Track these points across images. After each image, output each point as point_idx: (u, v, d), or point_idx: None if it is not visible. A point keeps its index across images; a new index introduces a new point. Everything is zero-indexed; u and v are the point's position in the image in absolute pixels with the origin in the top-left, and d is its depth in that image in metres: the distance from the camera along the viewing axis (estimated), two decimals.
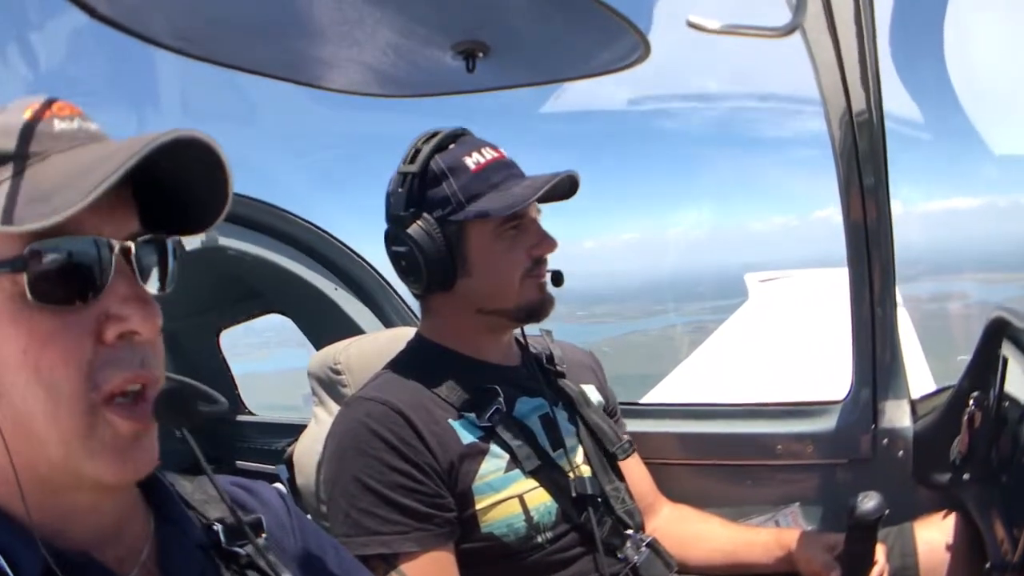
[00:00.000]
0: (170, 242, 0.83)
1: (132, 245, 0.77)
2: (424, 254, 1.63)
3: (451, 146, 1.68)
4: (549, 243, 1.68)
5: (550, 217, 1.74)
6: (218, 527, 0.92)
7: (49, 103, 0.78)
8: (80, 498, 0.79)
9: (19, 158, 0.74)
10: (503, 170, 1.67)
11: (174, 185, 0.79)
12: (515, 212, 1.61)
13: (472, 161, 1.65)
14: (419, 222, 1.63)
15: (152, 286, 0.80)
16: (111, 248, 0.75)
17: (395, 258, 1.71)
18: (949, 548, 1.77)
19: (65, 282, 0.72)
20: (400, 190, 1.67)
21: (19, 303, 0.71)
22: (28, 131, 0.75)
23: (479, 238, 1.65)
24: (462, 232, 1.64)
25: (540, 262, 1.68)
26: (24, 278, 0.71)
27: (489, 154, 1.68)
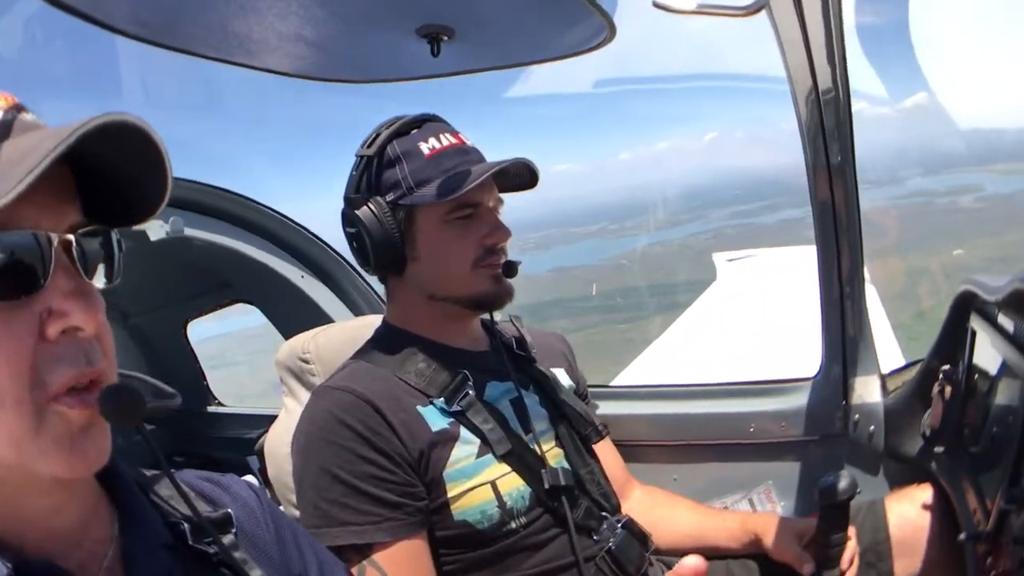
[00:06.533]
0: (114, 233, 0.79)
1: (73, 238, 0.73)
2: (371, 236, 1.63)
3: (413, 131, 1.68)
4: (502, 233, 1.67)
5: (578, 132, 1.71)
6: (184, 525, 0.88)
7: None
8: (41, 502, 0.76)
9: None
10: (457, 156, 1.66)
11: (114, 174, 0.75)
12: (467, 200, 1.61)
13: (427, 147, 1.65)
14: (370, 204, 1.64)
15: (98, 280, 0.77)
16: (51, 241, 0.71)
17: (347, 239, 1.71)
18: (921, 521, 1.79)
19: (2, 279, 0.69)
20: (355, 172, 1.68)
21: None
22: None
23: (427, 223, 1.64)
24: (411, 217, 1.64)
25: (493, 252, 1.66)
26: None
27: (447, 140, 1.67)
